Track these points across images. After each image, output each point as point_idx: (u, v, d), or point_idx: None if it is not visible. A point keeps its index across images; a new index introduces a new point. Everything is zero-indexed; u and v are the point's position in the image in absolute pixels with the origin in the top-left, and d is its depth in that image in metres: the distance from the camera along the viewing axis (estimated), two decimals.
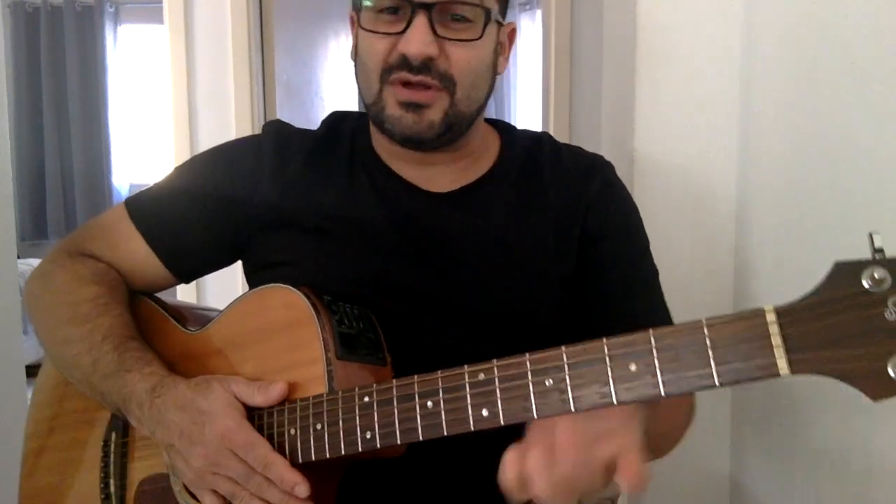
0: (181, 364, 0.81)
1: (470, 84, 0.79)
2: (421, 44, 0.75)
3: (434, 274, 0.82)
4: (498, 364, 0.58)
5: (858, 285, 0.46)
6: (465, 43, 0.77)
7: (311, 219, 0.84)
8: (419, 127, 0.78)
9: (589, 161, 0.91)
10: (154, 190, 0.92)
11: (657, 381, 0.52)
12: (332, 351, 0.70)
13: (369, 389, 0.65)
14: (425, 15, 0.75)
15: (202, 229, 0.88)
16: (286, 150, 0.88)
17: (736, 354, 0.49)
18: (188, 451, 0.72)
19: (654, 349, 0.52)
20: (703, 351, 0.50)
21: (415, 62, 0.76)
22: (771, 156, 1.17)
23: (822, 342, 0.47)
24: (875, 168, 0.85)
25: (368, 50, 0.79)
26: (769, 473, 1.20)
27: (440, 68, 0.77)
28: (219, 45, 2.17)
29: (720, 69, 1.28)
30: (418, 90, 0.77)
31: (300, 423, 0.69)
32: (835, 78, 0.94)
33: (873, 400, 0.47)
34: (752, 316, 0.49)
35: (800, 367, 0.47)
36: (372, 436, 0.64)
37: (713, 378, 0.50)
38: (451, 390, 0.60)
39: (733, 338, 0.49)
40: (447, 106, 0.78)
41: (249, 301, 0.79)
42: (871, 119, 0.87)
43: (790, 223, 1.07)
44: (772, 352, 0.48)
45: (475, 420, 0.59)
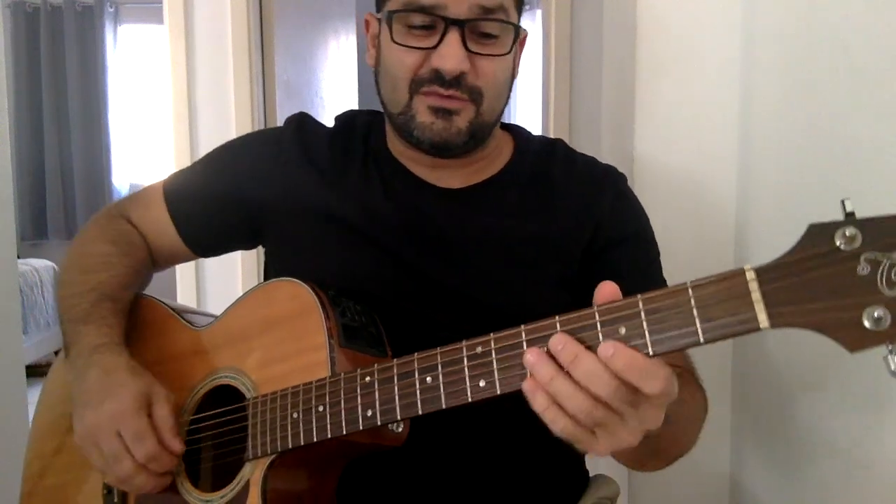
0: (187, 359, 0.83)
1: (495, 96, 0.82)
2: (456, 59, 0.77)
3: (438, 269, 0.83)
4: (495, 337, 0.60)
5: (832, 244, 0.49)
6: (493, 57, 0.79)
7: (323, 210, 0.86)
8: (448, 133, 0.80)
9: (602, 171, 0.92)
10: (188, 168, 0.98)
11: (646, 342, 0.54)
12: (336, 338, 0.72)
13: (370, 370, 0.67)
14: (458, 31, 0.77)
15: (220, 215, 0.93)
16: (307, 143, 0.91)
17: (719, 312, 0.52)
18: (82, 411, 0.76)
19: (641, 312, 0.54)
20: (688, 311, 0.53)
21: (448, 77, 0.77)
22: (771, 156, 1.17)
23: (799, 297, 0.50)
24: (875, 168, 0.85)
25: (398, 62, 0.80)
26: (769, 473, 1.20)
27: (469, 82, 0.79)
28: (219, 45, 2.16)
29: (720, 69, 1.28)
30: (449, 99, 0.79)
31: (302, 406, 0.71)
32: (835, 78, 0.94)
33: (850, 351, 0.49)
34: (733, 275, 0.51)
35: (778, 321, 0.50)
36: (373, 413, 0.66)
37: (698, 335, 0.52)
38: (449, 364, 0.62)
39: (716, 297, 0.52)
40: (473, 116, 0.80)
41: (255, 295, 0.81)
42: (871, 119, 0.87)
43: (790, 223, 1.07)
44: (752, 307, 0.50)
45: (472, 391, 0.60)
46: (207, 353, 0.82)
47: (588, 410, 0.54)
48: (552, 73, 2.29)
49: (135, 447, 0.73)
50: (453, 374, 0.61)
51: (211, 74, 2.18)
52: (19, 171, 4.38)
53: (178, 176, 0.98)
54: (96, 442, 0.75)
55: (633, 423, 0.55)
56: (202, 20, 2.17)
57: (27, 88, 4.48)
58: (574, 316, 0.57)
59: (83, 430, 0.76)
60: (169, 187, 0.96)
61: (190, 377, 0.82)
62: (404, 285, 0.82)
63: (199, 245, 0.96)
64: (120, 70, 4.61)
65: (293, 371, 0.73)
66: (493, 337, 0.60)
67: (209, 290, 2.24)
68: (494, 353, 0.60)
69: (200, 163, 0.98)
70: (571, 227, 0.85)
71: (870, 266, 0.48)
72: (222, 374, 0.80)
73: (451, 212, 0.86)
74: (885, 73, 0.84)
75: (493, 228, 0.85)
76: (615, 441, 0.56)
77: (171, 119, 2.20)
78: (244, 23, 2.14)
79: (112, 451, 0.74)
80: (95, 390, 0.76)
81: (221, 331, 0.83)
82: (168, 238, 0.95)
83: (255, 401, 0.75)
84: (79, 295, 0.85)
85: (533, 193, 0.88)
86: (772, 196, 1.17)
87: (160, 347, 0.86)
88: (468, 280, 0.83)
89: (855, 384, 0.92)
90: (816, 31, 0.99)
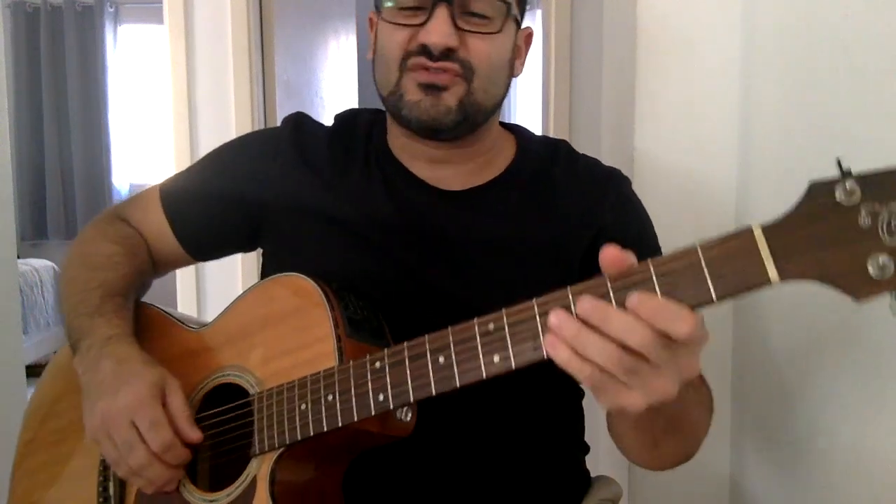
0: (188, 360, 0.83)
1: (487, 75, 0.80)
2: (442, 34, 0.76)
3: (439, 272, 0.83)
4: (507, 311, 0.60)
5: (832, 198, 0.51)
6: (484, 35, 0.79)
7: (322, 210, 0.86)
8: (436, 111, 0.79)
9: (605, 174, 0.91)
10: (183, 174, 0.98)
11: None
12: (342, 329, 0.72)
13: (380, 355, 0.66)
14: (446, 8, 0.77)
15: (218, 217, 0.92)
16: (305, 143, 0.91)
17: (729, 269, 0.53)
18: (95, 402, 0.75)
19: (653, 276, 0.55)
20: (699, 270, 0.54)
21: (435, 51, 0.77)
22: (771, 155, 1.17)
23: (806, 249, 0.51)
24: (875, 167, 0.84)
25: (388, 40, 0.81)
26: (769, 473, 1.20)
27: (460, 56, 0.78)
28: (219, 45, 2.16)
29: (720, 69, 1.28)
30: (437, 73, 0.78)
31: (311, 397, 0.70)
32: (835, 78, 0.94)
33: (857, 299, 0.50)
34: (741, 234, 0.53)
35: (787, 273, 0.51)
36: (385, 397, 0.65)
37: (711, 293, 0.53)
38: (461, 342, 0.62)
39: (726, 255, 0.53)
40: (463, 93, 0.79)
41: (257, 291, 0.80)
42: (871, 119, 0.86)
43: None
44: (761, 261, 0.52)
45: (487, 366, 0.60)
46: (209, 353, 0.81)
47: (617, 358, 0.53)
48: (552, 73, 2.29)
49: (150, 436, 0.73)
50: (466, 352, 0.61)
51: (211, 74, 2.18)
52: (19, 171, 4.38)
53: (175, 179, 0.98)
54: (109, 431, 0.74)
55: (671, 370, 0.54)
56: (202, 20, 2.17)
57: (27, 88, 4.48)
58: (586, 286, 0.57)
59: (96, 419, 0.75)
60: (165, 190, 0.95)
61: (191, 377, 0.81)
62: (404, 287, 0.82)
63: (197, 248, 0.95)
64: (120, 70, 4.61)
65: (299, 364, 0.73)
66: (506, 312, 0.60)
67: (209, 292, 2.24)
68: (507, 328, 0.59)
69: (197, 165, 0.97)
70: (573, 231, 0.85)
71: (870, 217, 0.50)
72: (225, 373, 0.79)
73: (453, 215, 0.85)
74: (885, 73, 0.84)
75: (494, 232, 0.84)
76: (651, 391, 0.54)
77: (171, 119, 2.20)
78: (244, 23, 2.14)
79: (126, 440, 0.73)
80: (109, 380, 0.75)
81: (222, 329, 0.82)
82: (166, 241, 0.94)
83: (261, 395, 0.74)
84: (86, 291, 0.85)
85: (535, 196, 0.87)
86: (772, 195, 1.17)
87: (160, 350, 0.85)
88: (469, 284, 0.82)
89: (855, 384, 0.92)
90: (816, 31, 0.99)
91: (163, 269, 0.98)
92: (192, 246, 0.95)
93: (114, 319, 0.82)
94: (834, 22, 0.94)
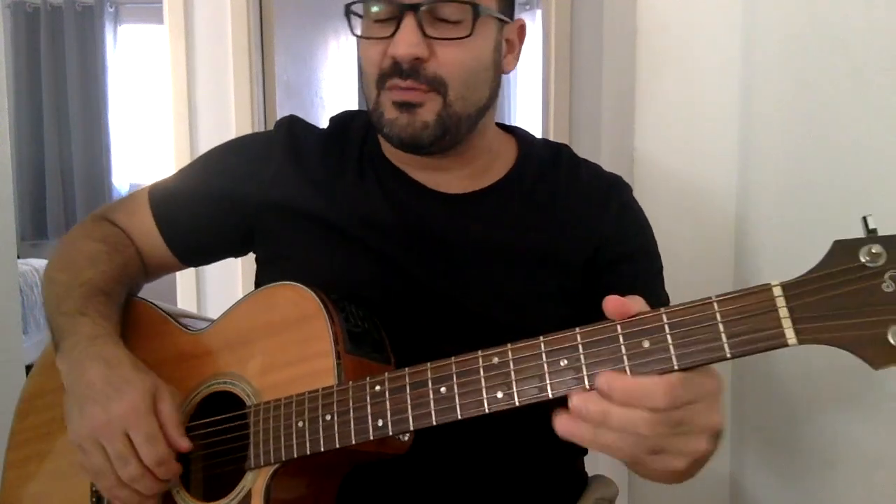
0: (182, 363, 0.81)
1: (463, 84, 0.78)
2: (407, 45, 0.75)
3: (435, 277, 0.82)
4: (512, 347, 0.59)
5: (857, 260, 0.50)
6: (455, 42, 0.76)
7: (316, 214, 0.85)
8: (413, 128, 0.78)
9: (607, 182, 0.90)
10: (174, 176, 0.95)
11: (670, 356, 0.54)
12: (342, 344, 0.71)
13: (380, 378, 0.65)
14: (413, 16, 0.75)
15: (209, 220, 0.90)
16: (297, 146, 0.89)
17: (745, 327, 0.52)
18: (87, 406, 0.73)
19: (665, 326, 0.54)
20: (713, 325, 0.53)
21: (404, 64, 0.75)
22: (771, 156, 1.17)
23: (826, 314, 0.50)
24: (875, 168, 0.84)
25: (364, 57, 0.80)
26: (769, 473, 1.20)
27: (429, 71, 0.76)
28: (219, 45, 2.16)
29: (720, 69, 1.28)
30: (409, 91, 0.77)
31: (308, 415, 0.69)
32: (835, 78, 0.94)
33: (874, 368, 0.49)
34: (760, 291, 0.52)
35: (806, 337, 0.51)
36: (384, 423, 0.64)
37: (724, 350, 0.52)
38: (464, 374, 0.61)
39: (742, 311, 0.52)
40: (440, 107, 0.77)
41: (256, 299, 0.79)
42: (871, 119, 0.86)
43: (790, 223, 1.07)
44: (779, 323, 0.51)
45: (490, 402, 0.60)
46: (204, 358, 0.80)
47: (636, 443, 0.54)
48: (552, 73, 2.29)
49: (145, 449, 0.71)
50: (469, 385, 0.60)
51: (211, 74, 2.17)
52: (19, 171, 4.38)
53: (164, 181, 0.95)
54: (101, 441, 0.72)
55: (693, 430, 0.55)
56: (202, 20, 2.16)
57: (27, 88, 4.48)
58: (595, 328, 0.57)
59: (85, 427, 0.73)
60: (154, 193, 0.93)
61: (185, 382, 0.80)
62: (402, 293, 0.81)
63: (185, 251, 0.93)
64: (120, 70, 4.61)
65: (297, 378, 0.72)
66: (511, 348, 0.59)
67: (209, 292, 2.24)
68: (512, 364, 0.59)
69: (187, 168, 0.95)
70: (573, 240, 0.84)
71: (894, 283, 0.49)
72: (220, 380, 0.78)
73: (451, 218, 0.84)
74: (885, 73, 0.83)
75: (493, 237, 0.83)
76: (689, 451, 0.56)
77: (171, 119, 2.19)
78: (244, 23, 2.14)
79: (119, 452, 0.71)
80: (99, 386, 0.73)
81: (219, 335, 0.81)
82: (154, 245, 0.92)
83: (258, 408, 0.73)
84: (68, 290, 0.83)
85: (535, 204, 0.86)
86: (772, 196, 1.17)
87: (153, 350, 0.84)
88: (467, 287, 0.81)
89: (856, 386, 0.92)
90: (816, 31, 0.99)
91: (153, 274, 0.96)
92: (179, 249, 0.93)
93: (98, 319, 0.79)
94: (834, 22, 0.94)
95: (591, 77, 2.22)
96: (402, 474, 0.80)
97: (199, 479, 0.80)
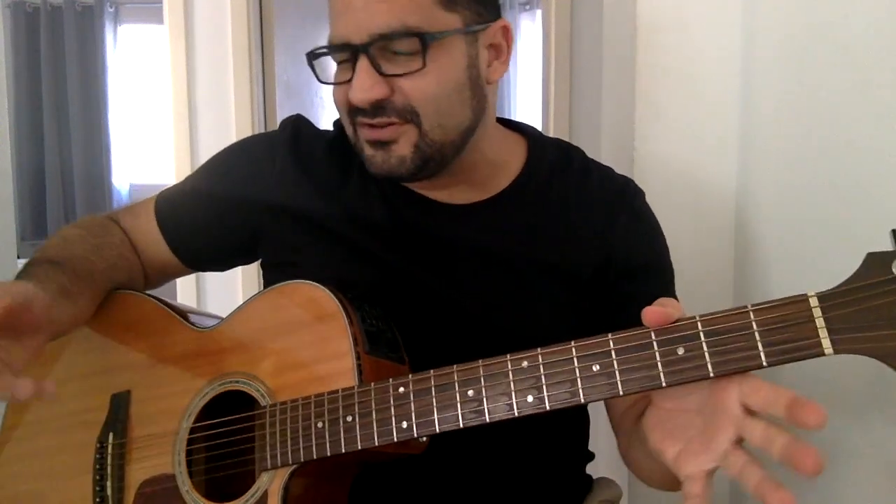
0: (191, 361, 0.80)
1: (435, 112, 0.75)
2: (362, 91, 0.74)
3: (440, 286, 0.81)
4: (543, 352, 0.60)
5: (890, 273, 0.51)
6: (413, 74, 0.74)
7: (321, 221, 0.84)
8: (389, 165, 0.77)
9: (618, 188, 0.88)
10: (179, 185, 0.95)
11: (705, 363, 0.55)
12: (361, 345, 0.70)
13: (405, 380, 0.65)
14: (366, 58, 0.73)
15: (211, 221, 0.90)
16: (301, 150, 0.88)
17: (782, 336, 0.53)
18: None
19: (700, 333, 0.55)
20: (749, 333, 0.54)
21: (362, 107, 0.75)
22: (771, 156, 1.17)
23: (861, 324, 0.52)
24: (875, 168, 0.84)
25: (335, 99, 0.80)
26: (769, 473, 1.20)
27: (397, 105, 0.74)
28: (219, 45, 2.16)
29: (720, 69, 1.28)
30: (379, 129, 0.76)
31: (328, 416, 0.68)
32: (835, 78, 0.94)
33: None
34: (796, 301, 0.53)
35: (841, 347, 0.52)
36: (409, 426, 0.64)
37: (761, 358, 0.54)
38: (492, 378, 0.61)
39: (779, 321, 0.53)
40: (416, 138, 0.76)
41: (268, 297, 0.78)
42: (871, 119, 0.86)
43: (790, 223, 1.07)
44: (816, 333, 0.52)
45: (520, 406, 0.60)
46: (214, 356, 0.79)
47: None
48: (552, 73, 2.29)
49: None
50: (497, 388, 0.61)
51: (211, 74, 2.18)
52: (19, 171, 4.38)
53: (171, 188, 0.96)
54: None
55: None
56: (202, 20, 2.17)
57: (27, 88, 4.48)
58: (629, 334, 0.57)
59: None
60: (160, 198, 0.94)
61: (194, 380, 0.79)
62: (406, 302, 0.80)
63: (187, 252, 0.93)
64: (120, 70, 4.61)
65: (314, 379, 0.71)
66: (541, 352, 0.60)
67: (209, 293, 2.24)
68: (542, 369, 0.59)
69: (193, 174, 0.95)
70: (582, 252, 0.83)
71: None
72: (233, 379, 0.77)
73: (456, 230, 0.83)
74: (885, 73, 0.83)
75: (498, 249, 0.82)
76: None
77: (171, 119, 2.19)
78: (244, 23, 2.14)
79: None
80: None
81: (230, 333, 0.79)
82: (157, 248, 0.92)
83: (273, 408, 0.72)
84: (31, 264, 0.80)
85: (544, 214, 0.84)
86: (772, 195, 1.17)
87: (158, 346, 0.83)
88: (477, 296, 0.80)
89: (856, 384, 0.92)
90: (816, 30, 0.99)
91: (156, 279, 0.95)
92: (181, 251, 0.92)
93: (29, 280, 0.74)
94: (834, 22, 0.94)
95: (591, 77, 2.22)
96: (413, 475, 0.80)
97: (212, 479, 0.79)
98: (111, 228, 0.92)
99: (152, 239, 0.92)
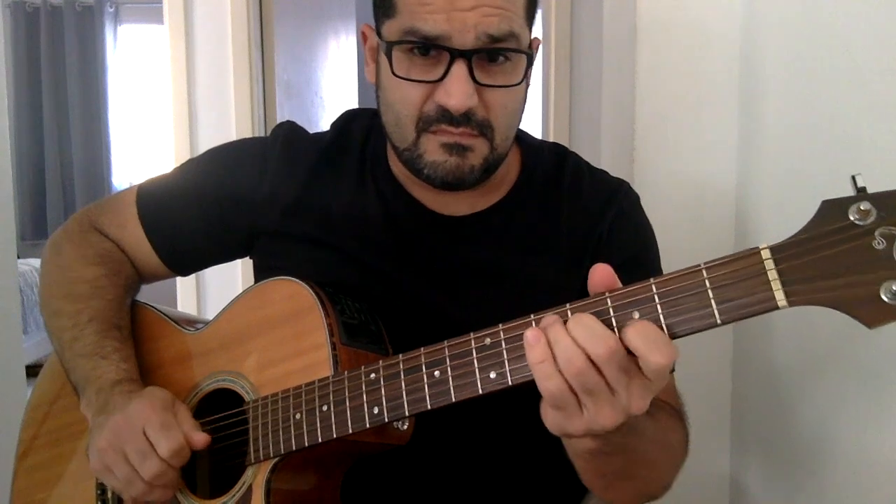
0: (183, 364, 0.82)
1: (507, 127, 0.76)
2: (463, 96, 0.70)
3: (434, 299, 0.80)
4: (503, 328, 0.59)
5: (846, 219, 0.49)
6: (506, 88, 0.73)
7: (311, 229, 0.83)
8: (461, 171, 0.75)
9: (610, 190, 0.87)
10: (163, 180, 0.93)
11: (661, 326, 0.53)
12: (337, 336, 0.71)
13: (375, 366, 0.66)
14: (465, 63, 0.70)
15: (201, 228, 0.88)
16: (293, 155, 0.86)
17: (735, 292, 0.51)
18: (108, 420, 0.73)
19: (655, 296, 0.54)
20: (702, 292, 0.52)
21: (456, 115, 0.72)
22: (771, 155, 1.17)
23: (816, 274, 0.49)
24: (875, 167, 0.84)
25: (402, 98, 0.74)
26: (769, 474, 1.20)
27: (478, 117, 0.73)
28: (219, 45, 2.16)
29: (720, 69, 1.28)
30: (462, 135, 0.73)
31: (306, 407, 0.69)
32: (835, 78, 0.94)
33: (869, 327, 0.48)
34: (748, 255, 0.51)
35: (796, 299, 0.50)
36: (380, 411, 0.65)
37: (715, 316, 0.52)
38: (457, 357, 0.61)
39: (731, 277, 0.52)
40: (487, 152, 0.75)
41: (250, 296, 0.80)
42: (871, 118, 0.86)
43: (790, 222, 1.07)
44: (769, 286, 0.50)
45: (483, 383, 0.60)
46: (203, 357, 0.81)
47: (582, 369, 0.52)
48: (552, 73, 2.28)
49: (161, 440, 0.70)
50: (462, 367, 0.61)
51: (211, 74, 2.17)
52: (19, 171, 4.38)
53: (152, 187, 0.92)
54: (121, 448, 0.71)
55: (621, 398, 0.53)
56: (202, 20, 2.16)
57: (27, 88, 4.48)
58: (585, 303, 0.56)
59: (106, 437, 0.72)
60: (143, 200, 0.90)
61: (185, 382, 0.81)
62: (400, 311, 0.80)
63: (177, 262, 0.92)
64: (120, 70, 4.61)
65: (294, 371, 0.72)
66: (502, 328, 0.60)
67: (209, 292, 2.24)
68: (504, 344, 0.59)
69: (179, 175, 0.92)
70: (574, 255, 0.82)
71: (885, 240, 0.48)
72: (220, 378, 0.79)
73: (448, 243, 0.82)
74: (885, 72, 0.83)
75: (495, 260, 0.81)
76: (597, 417, 0.54)
77: (171, 119, 2.19)
78: (244, 23, 2.14)
79: (138, 448, 0.71)
80: (119, 407, 0.74)
81: (216, 334, 0.81)
82: (148, 259, 0.90)
83: (256, 403, 0.73)
84: (78, 326, 0.82)
85: (539, 222, 0.84)
86: (772, 195, 1.17)
87: (154, 352, 0.85)
88: (467, 308, 0.80)
89: (856, 385, 0.92)
90: (817, 30, 0.99)
91: (148, 281, 0.94)
92: (174, 264, 0.91)
93: (120, 362, 0.79)
94: (834, 22, 0.94)
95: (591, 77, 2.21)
96: (406, 474, 0.80)
97: (205, 476, 0.81)
98: (113, 252, 0.90)
99: (143, 251, 0.90)
